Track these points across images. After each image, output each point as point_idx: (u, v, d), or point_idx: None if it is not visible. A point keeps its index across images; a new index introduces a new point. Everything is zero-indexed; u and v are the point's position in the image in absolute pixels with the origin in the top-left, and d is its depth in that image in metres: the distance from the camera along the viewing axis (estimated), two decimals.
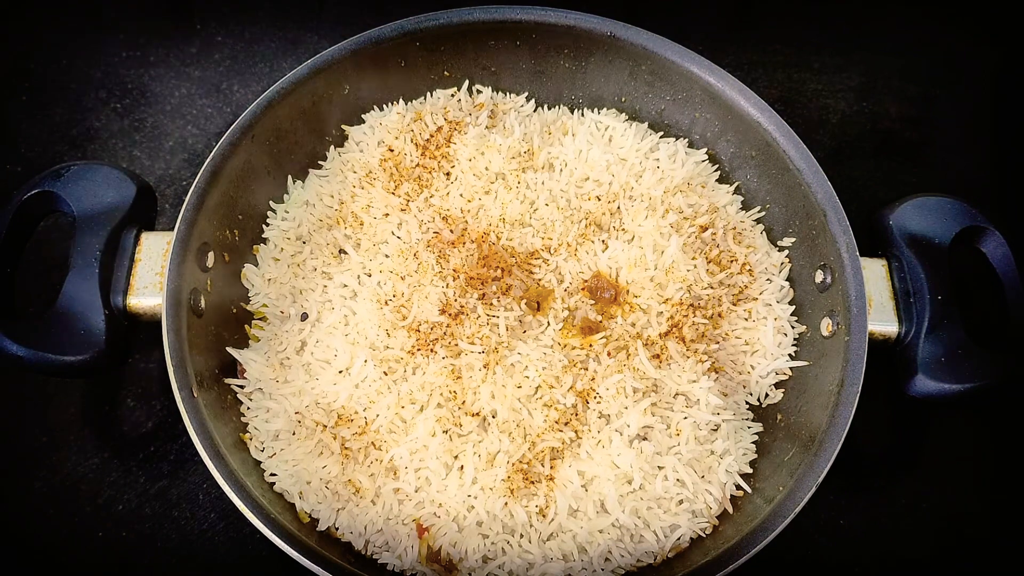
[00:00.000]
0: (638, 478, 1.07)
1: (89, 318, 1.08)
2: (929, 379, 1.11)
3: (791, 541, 1.02)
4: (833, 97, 1.58)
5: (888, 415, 1.29)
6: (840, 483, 1.05)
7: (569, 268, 1.20)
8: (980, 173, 1.51)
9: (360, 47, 1.24)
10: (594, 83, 1.36)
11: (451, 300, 1.15)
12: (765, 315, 1.22)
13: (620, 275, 1.21)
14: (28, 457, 1.22)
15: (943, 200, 1.19)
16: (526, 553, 1.05)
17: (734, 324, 1.21)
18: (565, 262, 1.21)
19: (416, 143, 1.28)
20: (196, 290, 1.11)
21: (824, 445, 1.04)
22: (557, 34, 1.29)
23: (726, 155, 1.32)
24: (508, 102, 1.36)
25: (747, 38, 1.63)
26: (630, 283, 1.20)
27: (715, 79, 1.24)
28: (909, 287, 1.15)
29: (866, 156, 1.52)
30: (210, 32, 1.59)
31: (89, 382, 1.27)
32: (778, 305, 1.22)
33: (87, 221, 1.13)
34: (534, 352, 1.11)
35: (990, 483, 1.27)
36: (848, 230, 1.14)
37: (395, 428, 1.10)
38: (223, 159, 1.15)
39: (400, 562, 1.06)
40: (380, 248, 1.20)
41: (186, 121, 1.50)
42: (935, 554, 1.22)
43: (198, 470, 1.20)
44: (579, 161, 1.28)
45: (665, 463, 1.10)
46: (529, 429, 1.09)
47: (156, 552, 1.17)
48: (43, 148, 1.45)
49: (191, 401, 1.03)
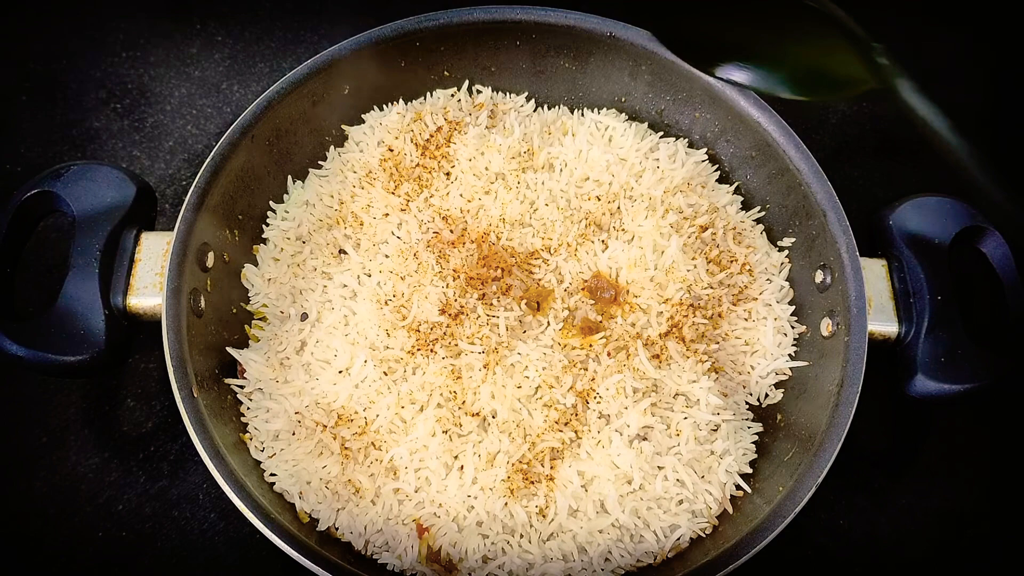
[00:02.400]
0: (638, 478, 1.07)
1: (89, 318, 1.08)
2: (929, 379, 1.11)
3: (791, 541, 1.02)
4: None
5: (888, 415, 1.29)
6: (840, 483, 1.05)
7: (569, 268, 1.20)
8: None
9: (360, 47, 1.24)
10: (594, 83, 1.36)
11: (451, 300, 1.15)
12: (765, 315, 1.22)
13: (620, 275, 1.21)
14: (28, 457, 1.22)
15: (943, 200, 1.19)
16: (526, 553, 1.05)
17: (734, 324, 1.21)
18: (565, 262, 1.21)
19: (416, 143, 1.28)
20: (196, 290, 1.12)
21: (824, 445, 1.04)
22: (557, 34, 1.29)
23: (726, 155, 1.32)
24: (508, 102, 1.36)
25: None
26: (630, 283, 1.20)
27: (715, 79, 1.24)
28: (909, 287, 1.15)
29: (866, 156, 1.52)
30: (210, 32, 1.59)
31: (89, 382, 1.27)
32: (778, 305, 1.22)
33: (87, 221, 1.13)
34: (534, 352, 1.11)
35: (990, 483, 1.27)
36: (848, 230, 1.14)
37: (395, 428, 1.10)
38: (223, 159, 1.15)
39: (400, 562, 1.06)
40: (380, 248, 1.20)
41: (186, 121, 1.50)
42: (935, 554, 1.22)
43: (198, 470, 1.20)
44: (579, 161, 1.28)
45: (665, 463, 1.10)
46: (529, 429, 1.09)
47: (156, 552, 1.17)
48: (43, 148, 1.45)
49: (191, 401, 1.03)
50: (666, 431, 1.11)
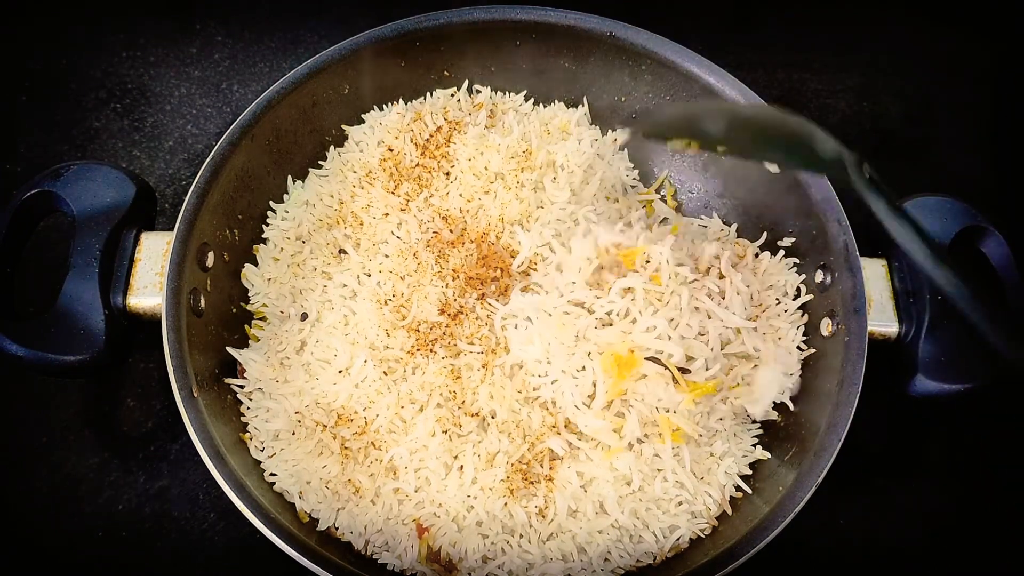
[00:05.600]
0: (637, 480, 1.07)
1: (89, 318, 1.08)
2: (929, 379, 1.11)
3: (791, 541, 1.02)
4: (833, 97, 1.57)
5: (888, 415, 1.29)
6: (840, 483, 1.04)
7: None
8: (980, 173, 1.51)
9: (360, 47, 1.24)
10: (594, 83, 1.36)
11: (450, 300, 1.14)
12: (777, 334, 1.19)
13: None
14: (28, 457, 1.22)
15: (943, 200, 1.19)
16: (526, 553, 1.05)
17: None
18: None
19: (416, 143, 1.28)
20: (196, 290, 1.11)
21: (824, 445, 1.04)
22: (557, 34, 1.29)
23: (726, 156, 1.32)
24: (507, 102, 1.36)
25: (747, 38, 1.63)
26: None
27: (715, 79, 1.24)
28: (909, 287, 1.15)
29: (866, 156, 1.51)
30: (210, 32, 1.59)
31: (89, 382, 1.27)
32: (788, 325, 1.20)
33: (87, 221, 1.13)
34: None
35: (990, 483, 1.27)
36: (848, 230, 1.14)
37: (395, 428, 1.10)
38: (223, 159, 1.15)
39: (400, 562, 1.06)
40: (380, 248, 1.20)
41: (186, 121, 1.50)
42: (935, 554, 1.22)
43: (198, 470, 1.20)
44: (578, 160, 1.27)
45: (664, 465, 1.09)
46: (528, 430, 1.09)
47: (156, 552, 1.17)
48: (43, 148, 1.45)
49: (191, 401, 1.03)
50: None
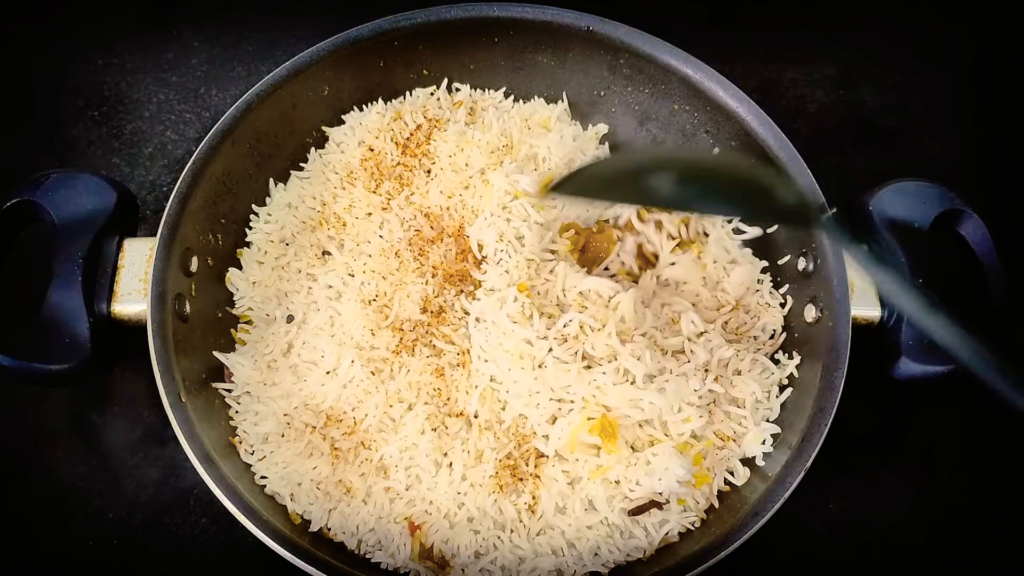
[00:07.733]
0: (625, 484, 1.08)
1: (73, 326, 1.08)
2: (912, 361, 1.11)
3: (780, 527, 1.02)
4: (810, 86, 1.58)
5: (874, 399, 1.30)
6: (828, 468, 1.05)
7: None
8: (958, 158, 1.52)
9: (338, 48, 1.24)
10: (573, 78, 1.36)
11: (431, 297, 1.15)
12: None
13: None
14: (16, 467, 1.21)
15: (921, 184, 1.20)
16: (516, 548, 1.06)
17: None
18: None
19: (396, 142, 1.28)
20: (180, 295, 1.11)
21: (811, 431, 1.05)
22: (535, 30, 1.29)
23: (706, 147, 1.33)
24: (487, 99, 1.36)
25: (724, 30, 1.64)
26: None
27: (692, 71, 1.24)
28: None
29: (845, 144, 1.53)
30: (187, 37, 1.58)
31: (76, 390, 1.27)
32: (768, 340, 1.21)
33: (68, 229, 1.12)
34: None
35: (976, 463, 1.28)
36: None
37: (384, 427, 1.10)
38: (203, 164, 1.15)
39: (393, 560, 1.06)
40: (363, 248, 1.20)
41: (165, 127, 1.49)
42: (924, 536, 1.23)
43: (188, 476, 1.19)
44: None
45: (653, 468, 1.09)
46: (511, 430, 1.09)
47: (148, 559, 1.17)
48: (21, 158, 1.44)
49: (179, 406, 1.03)
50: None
